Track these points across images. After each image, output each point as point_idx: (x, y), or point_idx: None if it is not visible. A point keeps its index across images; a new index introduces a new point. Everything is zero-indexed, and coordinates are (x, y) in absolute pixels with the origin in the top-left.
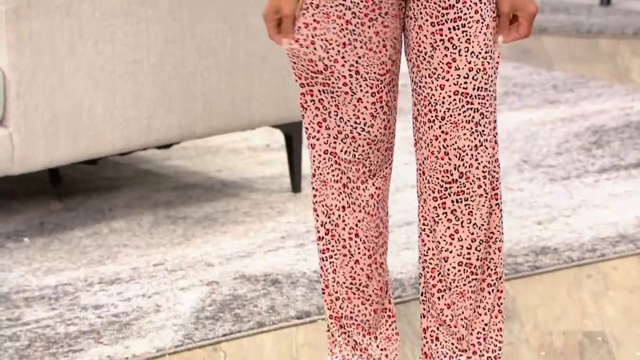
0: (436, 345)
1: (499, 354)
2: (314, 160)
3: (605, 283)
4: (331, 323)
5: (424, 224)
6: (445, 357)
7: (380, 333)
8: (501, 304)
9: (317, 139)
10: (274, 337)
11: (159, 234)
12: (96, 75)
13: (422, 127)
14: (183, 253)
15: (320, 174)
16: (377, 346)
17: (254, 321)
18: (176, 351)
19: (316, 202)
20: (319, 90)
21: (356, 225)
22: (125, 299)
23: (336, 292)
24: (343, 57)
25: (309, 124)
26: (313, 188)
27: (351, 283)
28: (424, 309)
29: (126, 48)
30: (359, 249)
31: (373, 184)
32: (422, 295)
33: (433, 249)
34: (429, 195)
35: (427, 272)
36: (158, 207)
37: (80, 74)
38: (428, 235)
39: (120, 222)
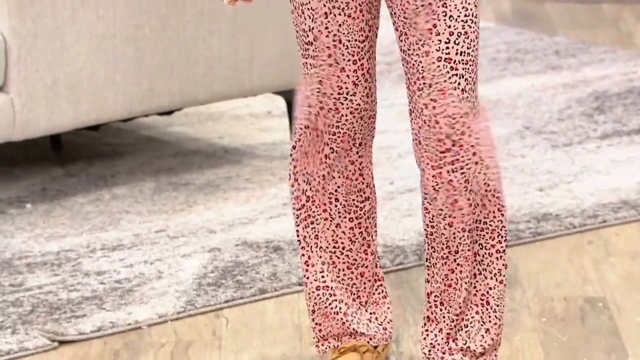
0: (440, 309)
1: (501, 315)
2: (296, 132)
3: (606, 249)
4: (318, 295)
5: (425, 193)
6: (449, 321)
7: (368, 297)
8: (506, 269)
9: (298, 115)
10: (276, 304)
11: (160, 201)
12: (97, 41)
13: (413, 95)
14: (185, 220)
15: (302, 145)
16: (366, 310)
17: (256, 288)
18: (178, 317)
19: (296, 172)
20: (307, 64)
21: (336, 190)
22: (128, 265)
23: (320, 258)
24: (327, 28)
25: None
26: (293, 159)
27: (334, 247)
28: (428, 274)
29: (127, 13)
30: (339, 212)
31: (357, 152)
32: (426, 260)
33: (436, 217)
34: (427, 164)
35: (432, 239)
36: (160, 173)
37: (81, 39)
38: (430, 204)
39: (122, 188)
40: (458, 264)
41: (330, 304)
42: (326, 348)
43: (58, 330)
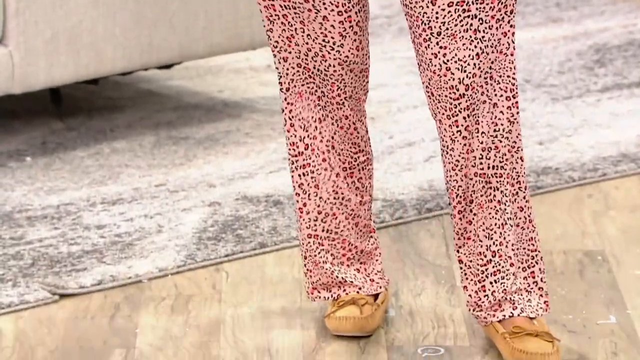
0: (467, 264)
1: (532, 262)
2: (287, 74)
3: (606, 202)
4: (309, 243)
5: (443, 145)
6: (479, 273)
7: (360, 249)
8: (530, 213)
9: (289, 52)
10: (276, 258)
11: (160, 155)
12: None
13: (419, 48)
14: (185, 174)
15: (295, 86)
16: (358, 260)
17: (256, 242)
18: (178, 271)
19: (292, 117)
20: (280, 6)
21: (332, 137)
22: (128, 219)
23: (318, 207)
24: None
25: (279, 37)
26: (288, 103)
27: (334, 198)
28: (453, 230)
29: None
30: (337, 161)
31: (348, 106)
32: (451, 217)
33: (454, 168)
34: (443, 114)
35: (449, 192)
36: (159, 127)
37: None
38: (447, 156)
39: (121, 142)
40: (475, 214)
41: (318, 252)
42: (316, 297)
43: (59, 284)
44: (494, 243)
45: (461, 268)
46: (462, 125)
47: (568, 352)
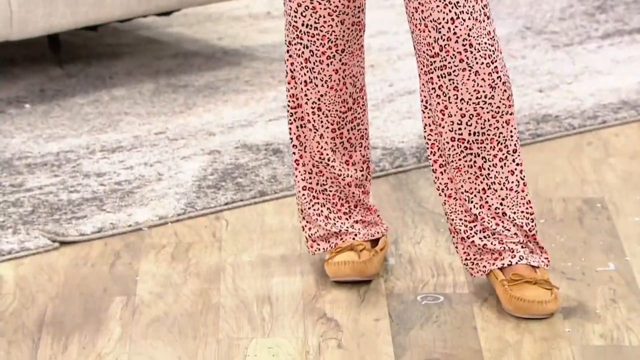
0: (452, 218)
1: (532, 225)
2: (286, 28)
3: (605, 150)
4: (304, 195)
5: (421, 100)
6: (466, 229)
7: (356, 203)
8: (524, 176)
9: (285, 11)
10: (276, 206)
11: (160, 102)
12: None
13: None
14: (184, 122)
15: (290, 43)
16: (354, 213)
17: (256, 190)
18: (178, 219)
19: (294, 69)
20: None
21: (318, 99)
22: (127, 167)
23: (310, 161)
24: None
25: None
26: (290, 56)
27: (320, 158)
28: (434, 181)
29: None
30: (322, 122)
31: (340, 60)
32: (432, 170)
33: (430, 125)
34: (421, 69)
35: (428, 147)
36: (159, 75)
37: None
38: (424, 111)
39: (121, 89)
40: (449, 178)
41: (313, 205)
42: (316, 250)
43: (59, 231)
44: (474, 206)
45: (448, 220)
46: (436, 84)
47: (567, 299)
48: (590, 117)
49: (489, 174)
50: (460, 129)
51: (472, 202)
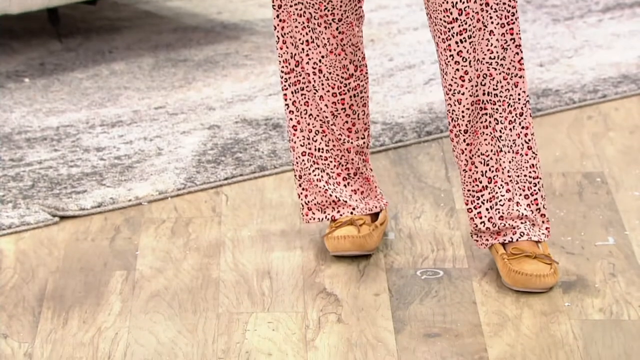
0: (467, 190)
1: (535, 190)
2: None
3: (605, 124)
4: (303, 160)
5: (440, 69)
6: (474, 199)
7: (355, 171)
8: (529, 140)
9: None
10: (275, 181)
11: (159, 77)
12: None
13: None
14: (184, 96)
15: (286, 4)
16: (353, 180)
17: (255, 165)
18: (178, 194)
19: (284, 34)
20: None
21: (320, 60)
22: (127, 141)
23: (309, 125)
24: None
25: None
26: (280, 20)
27: (321, 119)
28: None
29: None
30: (322, 85)
31: (337, 28)
32: (450, 138)
33: (447, 93)
34: (439, 37)
35: (448, 115)
36: (158, 49)
37: None
38: (443, 79)
39: (120, 64)
40: (468, 144)
41: (313, 171)
42: (310, 219)
43: (59, 206)
44: (489, 169)
45: (463, 188)
46: (454, 50)
47: (566, 273)
48: (590, 91)
49: (501, 136)
50: (477, 91)
51: (487, 164)
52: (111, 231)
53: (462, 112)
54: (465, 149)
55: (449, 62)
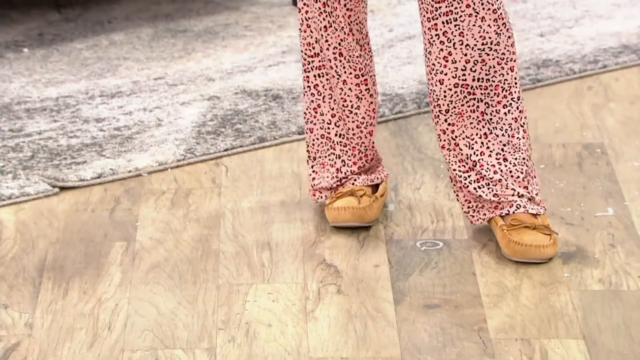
0: (452, 169)
1: (529, 170)
2: None
3: (605, 94)
4: (320, 143)
5: (424, 47)
6: (462, 179)
7: (372, 157)
8: (524, 124)
9: None
10: (275, 152)
11: (159, 48)
12: None
13: None
14: (183, 67)
15: None
16: (367, 168)
17: (255, 136)
18: (178, 165)
19: (308, 18)
20: None
21: (339, 44)
22: (127, 112)
23: (332, 110)
24: None
25: None
26: (304, 4)
27: (344, 105)
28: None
29: None
30: (344, 68)
31: (345, 6)
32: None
33: (430, 72)
34: (424, 16)
35: (430, 94)
36: (157, 19)
37: None
38: (426, 58)
39: (119, 34)
40: (449, 124)
41: (328, 155)
42: (319, 198)
43: (59, 176)
44: (474, 153)
45: (448, 169)
46: (440, 30)
47: (566, 244)
48: (590, 62)
49: (491, 119)
50: (464, 75)
51: (472, 148)
52: (111, 202)
53: (444, 92)
54: (447, 129)
55: (433, 41)
